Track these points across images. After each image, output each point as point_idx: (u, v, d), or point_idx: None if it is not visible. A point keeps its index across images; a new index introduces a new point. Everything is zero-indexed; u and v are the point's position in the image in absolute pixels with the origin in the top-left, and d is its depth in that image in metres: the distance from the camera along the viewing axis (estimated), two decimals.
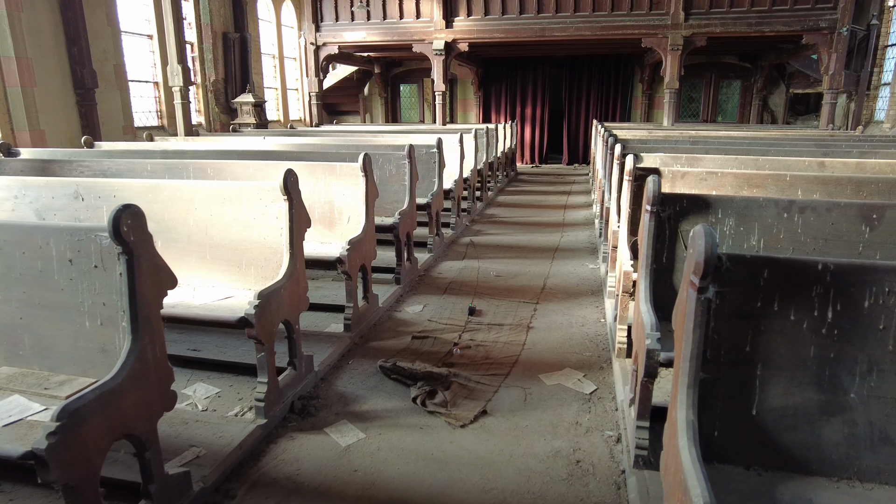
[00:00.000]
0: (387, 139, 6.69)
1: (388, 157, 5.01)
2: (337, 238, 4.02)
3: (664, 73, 10.02)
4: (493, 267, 5.35)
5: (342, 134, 7.96)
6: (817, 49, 9.58)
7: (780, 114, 13.53)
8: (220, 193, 2.98)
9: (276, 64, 13.68)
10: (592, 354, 3.53)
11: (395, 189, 4.98)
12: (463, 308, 4.29)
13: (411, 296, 4.58)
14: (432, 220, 5.70)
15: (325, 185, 4.03)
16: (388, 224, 4.59)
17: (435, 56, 10.73)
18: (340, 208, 4.01)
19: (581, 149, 14.80)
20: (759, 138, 6.67)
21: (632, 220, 3.52)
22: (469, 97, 15.49)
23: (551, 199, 9.18)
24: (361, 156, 3.86)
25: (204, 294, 2.91)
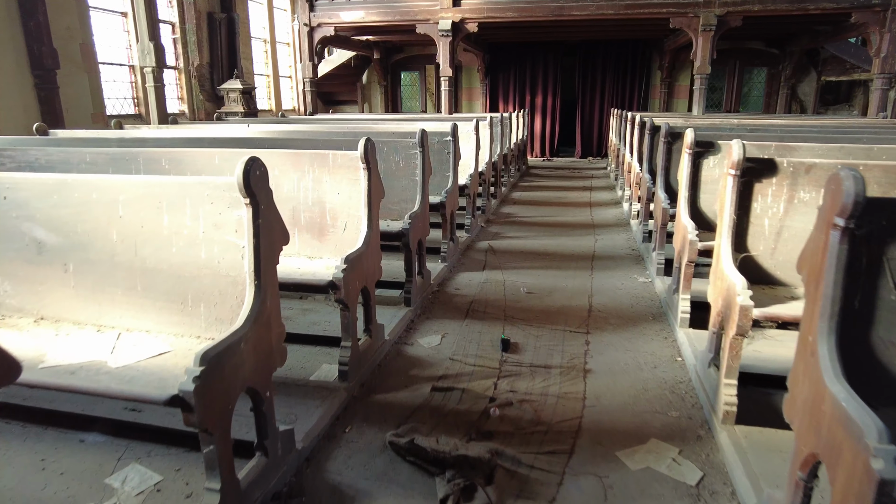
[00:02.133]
0: (390, 126, 5.72)
1: (394, 145, 4.04)
2: (329, 251, 3.05)
3: (694, 57, 9.03)
4: (522, 280, 4.39)
5: (338, 122, 6.98)
6: (866, 29, 8.61)
7: (810, 103, 12.56)
8: (152, 194, 2.00)
9: (266, 49, 12.64)
10: (681, 415, 2.57)
11: (404, 185, 4.01)
12: (493, 340, 3.33)
13: (425, 321, 3.62)
14: (446, 223, 4.73)
15: (314, 180, 3.05)
16: (395, 230, 3.62)
17: (441, 37, 9.72)
18: (334, 211, 3.04)
19: (595, 141, 13.81)
20: (826, 126, 5.71)
21: (737, 230, 2.56)
22: (474, 85, 14.48)
23: (572, 196, 8.21)
24: (362, 142, 2.89)
25: (129, 348, 1.93)
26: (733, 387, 2.37)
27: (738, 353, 2.35)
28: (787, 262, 2.58)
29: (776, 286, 2.60)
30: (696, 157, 3.50)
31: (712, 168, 3.51)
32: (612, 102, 13.41)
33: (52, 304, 2.13)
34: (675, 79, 13.30)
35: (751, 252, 2.61)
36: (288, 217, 3.08)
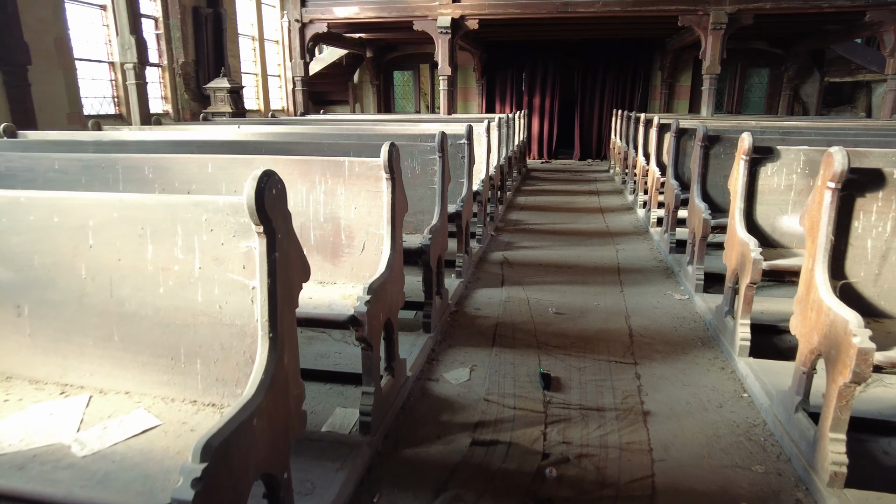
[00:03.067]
0: (394, 128, 5.28)
1: (409, 150, 3.60)
2: (345, 276, 2.60)
3: (703, 56, 8.69)
4: (547, 298, 3.97)
5: (335, 123, 6.52)
6: (880, 28, 8.33)
7: (813, 105, 12.32)
8: (132, 217, 1.55)
9: (255, 46, 12.13)
10: (767, 470, 2.17)
11: (420, 195, 3.57)
12: (529, 373, 2.90)
13: (447, 349, 3.18)
14: (462, 234, 4.30)
15: (327, 192, 2.60)
16: (414, 247, 3.18)
17: (440, 35, 9.29)
18: (350, 229, 2.59)
19: (594, 143, 13.46)
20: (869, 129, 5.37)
21: (835, 253, 2.16)
22: (470, 85, 14.06)
23: (581, 201, 7.82)
24: (385, 147, 2.44)
25: (103, 421, 1.48)
26: (842, 443, 1.97)
27: (850, 404, 1.95)
28: (895, 290, 2.19)
29: (882, 319, 2.20)
30: (753, 164, 3.11)
31: (770, 176, 3.12)
32: (612, 103, 13.06)
33: (1, 358, 1.67)
34: (676, 79, 13.00)
35: (849, 278, 2.21)
36: None
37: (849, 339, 1.90)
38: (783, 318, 3.34)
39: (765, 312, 3.35)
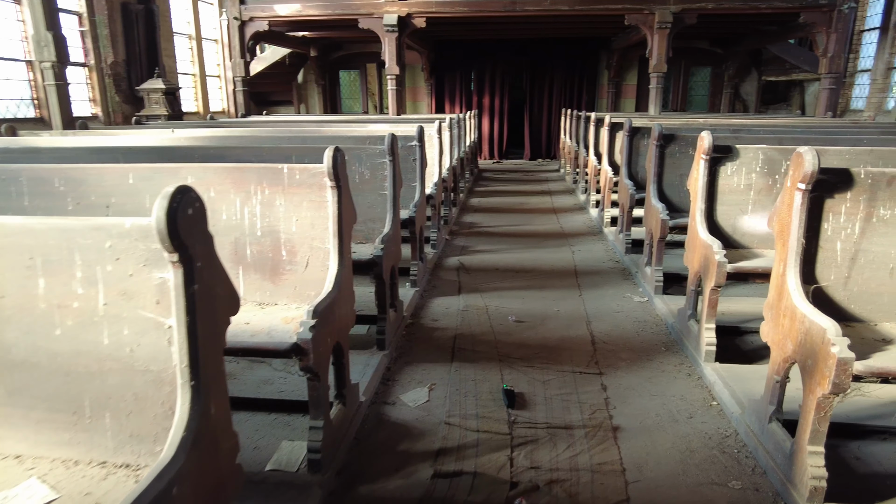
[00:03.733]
0: (341, 129, 5.02)
1: (357, 154, 3.38)
2: (287, 296, 2.36)
3: (649, 55, 8.80)
4: (506, 305, 3.82)
5: (278, 125, 6.19)
6: (813, 29, 8.64)
7: (752, 102, 12.74)
8: (17, 245, 1.28)
9: (192, 45, 11.54)
10: (745, 485, 2.07)
11: (371, 201, 3.35)
12: (492, 390, 2.73)
13: (404, 367, 2.98)
14: (416, 241, 4.10)
15: (264, 203, 2.35)
16: (365, 258, 2.96)
17: (386, 33, 9.04)
18: (291, 243, 2.35)
19: (544, 142, 13.49)
20: (813, 126, 5.47)
21: (806, 256, 2.08)
22: (419, 85, 13.86)
23: (534, 202, 7.75)
24: (329, 152, 2.22)
25: None
26: (821, 456, 1.88)
27: (828, 416, 1.86)
28: (865, 293, 2.13)
29: (853, 323, 2.14)
30: (713, 163, 3.04)
31: (729, 176, 3.06)
32: (560, 102, 13.13)
33: None
34: (622, 78, 13.19)
35: (820, 282, 2.14)
36: (229, 253, 2.37)
37: (827, 348, 1.80)
38: (746, 318, 3.30)
39: (726, 314, 3.30)
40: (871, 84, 9.93)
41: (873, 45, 10.09)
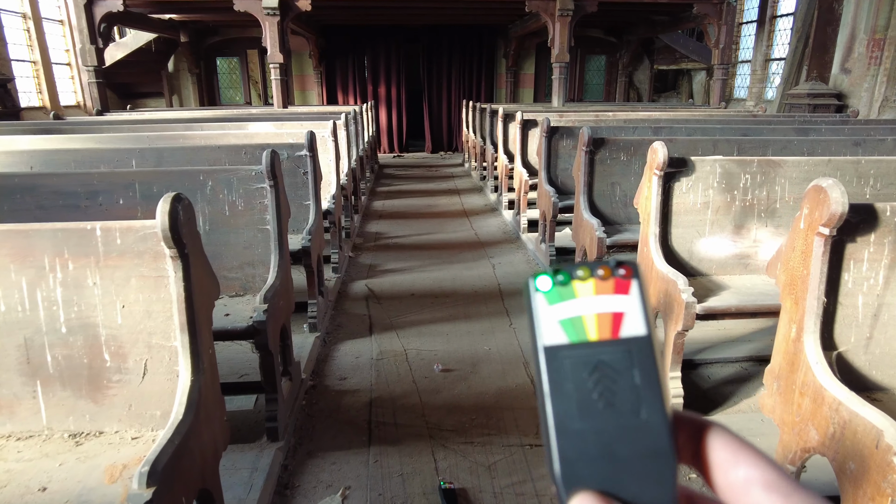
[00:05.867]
0: (211, 134, 4.10)
1: (225, 179, 2.56)
2: (118, 419, 1.57)
3: (551, 44, 8.44)
4: (427, 348, 3.19)
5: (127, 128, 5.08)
6: (704, 20, 8.70)
7: (645, 91, 12.95)
8: None
9: (28, 27, 9.70)
10: None
11: (246, 240, 2.55)
12: (426, 489, 2.10)
13: (307, 462, 2.26)
14: (313, 275, 3.34)
15: (68, 284, 1.53)
16: (240, 327, 2.18)
17: (267, 17, 7.98)
18: (118, 342, 1.55)
19: (445, 134, 12.93)
20: (728, 120, 5.27)
21: (824, 315, 1.62)
22: (308, 73, 12.74)
23: (443, 203, 7.15)
24: (165, 204, 1.44)
25: None
26: None
27: None
28: (888, 355, 1.71)
29: (877, 393, 1.71)
30: (667, 180, 2.56)
31: (685, 193, 2.61)
32: (459, 92, 12.61)
33: None
34: (520, 67, 12.88)
35: (839, 347, 1.69)
36: (16, 361, 1.53)
37: (888, 458, 1.34)
38: (701, 347, 2.91)
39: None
40: (752, 74, 10.31)
41: (751, 37, 10.48)
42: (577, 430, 0.30)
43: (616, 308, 0.31)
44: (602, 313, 0.31)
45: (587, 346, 0.31)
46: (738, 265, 2.59)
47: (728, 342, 3.01)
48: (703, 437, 0.31)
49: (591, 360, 0.31)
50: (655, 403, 0.30)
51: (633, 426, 0.30)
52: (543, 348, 0.31)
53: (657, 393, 0.30)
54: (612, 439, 0.30)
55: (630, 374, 0.30)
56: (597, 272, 0.32)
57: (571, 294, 0.31)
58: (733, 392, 2.58)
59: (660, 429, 0.30)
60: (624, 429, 0.30)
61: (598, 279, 0.32)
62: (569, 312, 0.31)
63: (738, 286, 2.44)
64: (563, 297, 0.31)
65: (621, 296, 0.31)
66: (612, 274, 0.32)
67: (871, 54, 6.92)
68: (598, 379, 0.30)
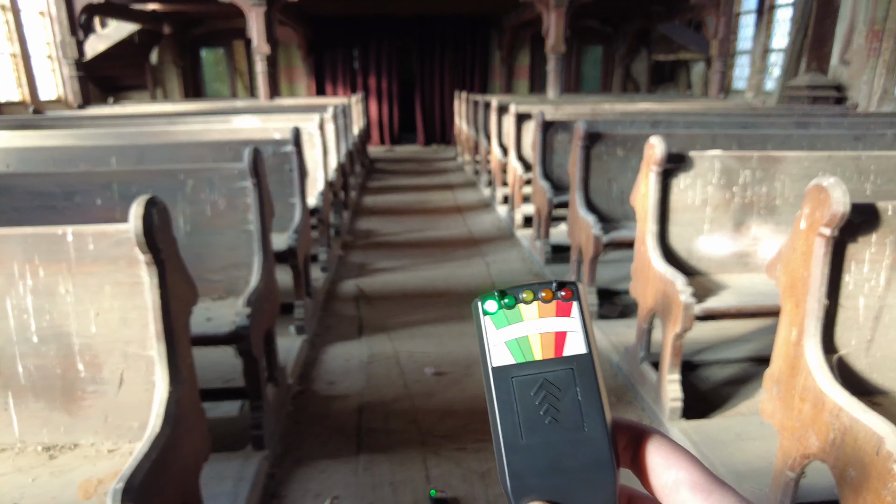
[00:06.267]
0: (193, 128, 4.00)
1: (207, 178, 2.47)
2: (94, 431, 1.49)
3: (546, 35, 8.36)
4: (420, 350, 3.13)
5: (115, 122, 4.96)
6: (701, 11, 8.65)
7: (643, 82, 12.87)
8: None
9: (7, 19, 9.47)
10: None
11: (229, 242, 2.47)
12: (416, 497, 2.04)
13: (294, 471, 2.19)
14: (300, 275, 3.26)
15: (39, 291, 1.45)
16: (222, 332, 2.10)
17: (252, 7, 7.83)
18: (93, 351, 1.48)
19: (438, 127, 12.82)
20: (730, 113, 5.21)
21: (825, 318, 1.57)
22: (296, 65, 12.56)
23: (435, 199, 7.07)
24: (139, 207, 1.36)
25: None
26: None
27: None
28: (889, 358, 1.67)
29: (878, 397, 1.67)
30: (665, 176, 2.51)
31: (683, 191, 2.55)
32: (452, 84, 12.49)
33: None
34: (515, 58, 12.77)
35: (840, 350, 1.64)
36: None
37: (888, 465, 1.29)
38: (699, 348, 2.86)
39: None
40: (751, 66, 10.27)
41: (750, 27, 10.42)
42: (524, 446, 0.32)
43: (559, 328, 0.33)
44: (546, 333, 0.33)
45: (533, 366, 0.33)
46: (737, 264, 2.54)
47: (727, 342, 2.97)
48: (642, 442, 0.34)
49: (536, 379, 0.33)
50: (596, 417, 0.32)
51: (576, 440, 0.32)
52: (492, 369, 0.33)
53: (598, 407, 0.32)
54: (557, 453, 0.32)
55: (573, 390, 0.32)
56: (539, 295, 0.34)
57: (518, 317, 0.34)
58: (732, 394, 2.53)
59: (601, 442, 0.32)
60: (568, 442, 0.32)
61: (542, 301, 0.34)
62: (515, 334, 0.33)
63: (738, 286, 2.39)
64: (510, 320, 0.34)
65: (563, 318, 0.34)
66: (554, 297, 0.34)
67: (870, 46, 6.89)
68: (544, 397, 0.32)
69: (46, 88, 10.28)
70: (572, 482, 0.32)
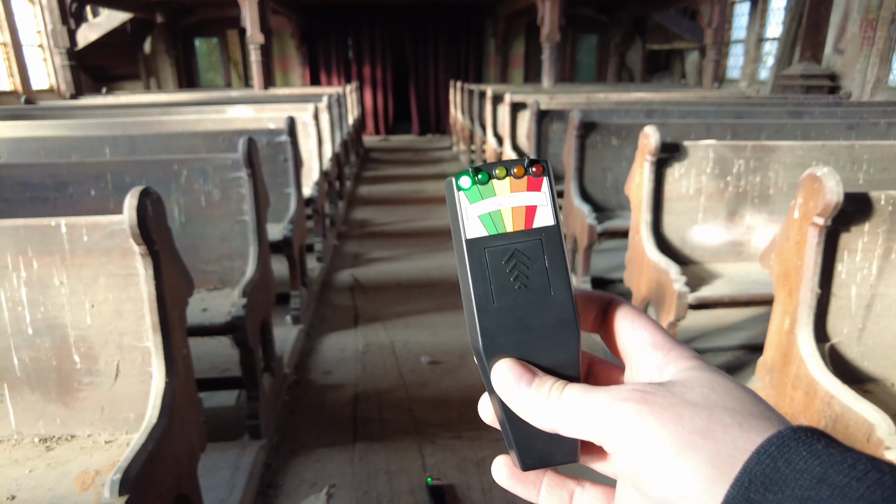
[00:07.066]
0: (187, 118, 3.97)
1: (200, 168, 2.46)
2: (90, 423, 1.50)
3: (541, 23, 8.31)
4: (415, 339, 3.14)
5: (108, 112, 4.92)
6: (697, 0, 8.61)
7: (638, 71, 12.83)
8: None
9: None
10: None
11: (223, 232, 2.46)
12: (412, 486, 2.06)
13: (290, 461, 2.20)
14: (295, 266, 3.26)
15: (33, 283, 1.45)
16: (218, 323, 2.11)
17: None
18: (88, 343, 1.48)
19: (433, 116, 12.77)
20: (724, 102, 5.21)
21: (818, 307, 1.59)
22: (289, 54, 12.46)
23: (430, 189, 7.06)
24: (133, 198, 1.35)
25: None
26: None
27: None
28: (881, 346, 1.68)
29: (868, 384, 1.69)
30: (659, 165, 2.51)
31: (677, 180, 2.56)
32: (447, 73, 12.42)
33: None
34: (509, 47, 12.69)
35: (832, 338, 1.66)
36: None
37: (878, 451, 1.31)
38: (692, 336, 2.88)
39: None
40: (746, 55, 10.25)
41: (745, 16, 10.39)
42: (495, 308, 0.34)
43: (529, 202, 0.35)
44: (517, 207, 0.35)
45: (504, 237, 0.34)
46: (731, 253, 2.55)
47: (720, 330, 3.00)
48: (610, 310, 0.37)
49: (508, 249, 0.34)
50: (562, 282, 0.34)
51: (543, 301, 0.34)
52: (466, 241, 0.34)
53: (563, 274, 0.34)
54: (525, 314, 0.34)
55: (541, 259, 0.34)
56: (512, 171, 0.35)
57: (491, 192, 0.35)
58: None
59: (565, 303, 0.34)
60: (536, 305, 0.34)
61: (513, 177, 0.35)
62: (488, 208, 0.35)
63: (732, 274, 2.41)
64: (483, 195, 0.35)
65: (534, 192, 0.35)
66: (526, 172, 0.35)
67: (864, 35, 6.89)
68: (514, 265, 0.34)
69: (38, 78, 10.19)
70: (539, 339, 0.34)
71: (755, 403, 0.29)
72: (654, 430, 0.28)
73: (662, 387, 0.30)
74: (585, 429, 0.32)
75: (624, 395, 0.30)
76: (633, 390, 0.31)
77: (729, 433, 0.27)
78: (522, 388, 0.34)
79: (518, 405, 0.34)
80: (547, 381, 0.34)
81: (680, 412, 0.28)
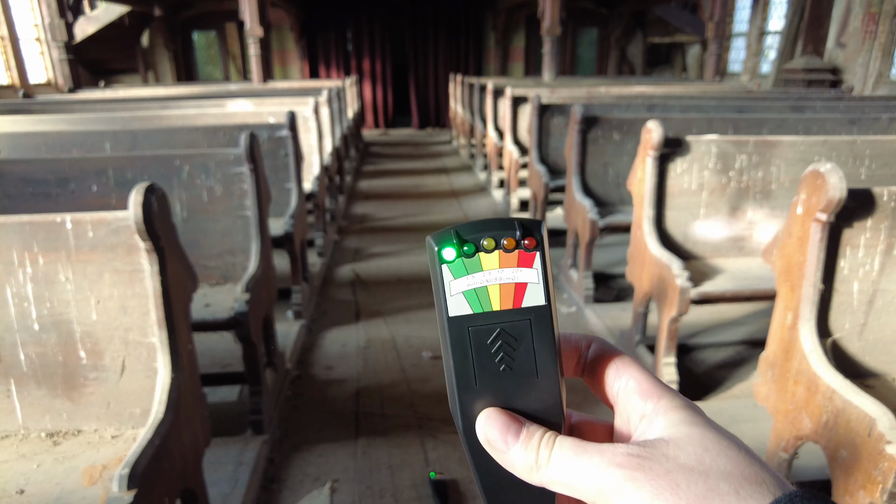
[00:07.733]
0: (188, 112, 3.96)
1: (202, 163, 2.46)
2: (96, 417, 1.50)
3: (541, 17, 8.27)
4: (416, 334, 3.15)
5: (107, 106, 4.90)
6: None
7: (639, 65, 12.80)
8: None
9: None
10: None
11: (224, 227, 2.46)
12: (415, 480, 2.07)
13: (293, 456, 2.21)
14: (297, 261, 3.26)
15: (38, 279, 1.45)
16: (222, 318, 2.11)
17: None
18: (94, 338, 1.48)
19: (433, 109, 12.73)
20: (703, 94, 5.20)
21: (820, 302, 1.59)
22: (288, 47, 12.41)
23: (430, 183, 7.05)
24: (138, 195, 1.35)
25: None
26: None
27: None
28: (882, 342, 1.69)
29: (869, 380, 1.70)
30: (662, 161, 2.51)
31: (679, 175, 2.56)
32: (446, 66, 12.38)
33: None
34: (509, 41, 12.64)
35: (834, 333, 1.67)
36: None
37: (879, 446, 1.32)
38: (694, 331, 2.89)
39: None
40: (747, 49, 10.23)
41: (746, 9, 10.35)
42: (477, 389, 0.33)
43: (519, 279, 0.33)
44: (505, 284, 0.33)
45: (490, 316, 0.33)
46: (733, 248, 2.56)
47: (722, 325, 3.01)
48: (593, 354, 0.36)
49: (493, 329, 0.33)
50: (549, 367, 0.33)
51: (528, 385, 0.33)
52: (448, 319, 0.32)
53: (552, 358, 0.33)
54: (509, 395, 0.33)
55: (529, 340, 0.33)
56: (502, 243, 0.32)
57: (477, 266, 0.32)
58: (727, 377, 2.57)
59: (552, 388, 0.33)
60: (520, 387, 0.33)
61: (503, 251, 0.32)
62: (474, 283, 0.32)
63: (734, 270, 2.41)
64: (469, 270, 0.32)
65: (524, 269, 0.33)
66: (517, 246, 0.32)
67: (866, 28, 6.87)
68: (500, 346, 0.33)
69: (36, 72, 10.14)
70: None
71: (749, 464, 0.29)
72: (649, 500, 0.28)
73: (656, 448, 0.30)
74: (577, 491, 0.31)
75: (619, 461, 0.30)
76: (627, 455, 0.30)
77: (726, 502, 0.27)
78: (510, 443, 0.33)
79: (506, 460, 0.33)
80: (535, 434, 0.33)
81: (676, 480, 0.28)
